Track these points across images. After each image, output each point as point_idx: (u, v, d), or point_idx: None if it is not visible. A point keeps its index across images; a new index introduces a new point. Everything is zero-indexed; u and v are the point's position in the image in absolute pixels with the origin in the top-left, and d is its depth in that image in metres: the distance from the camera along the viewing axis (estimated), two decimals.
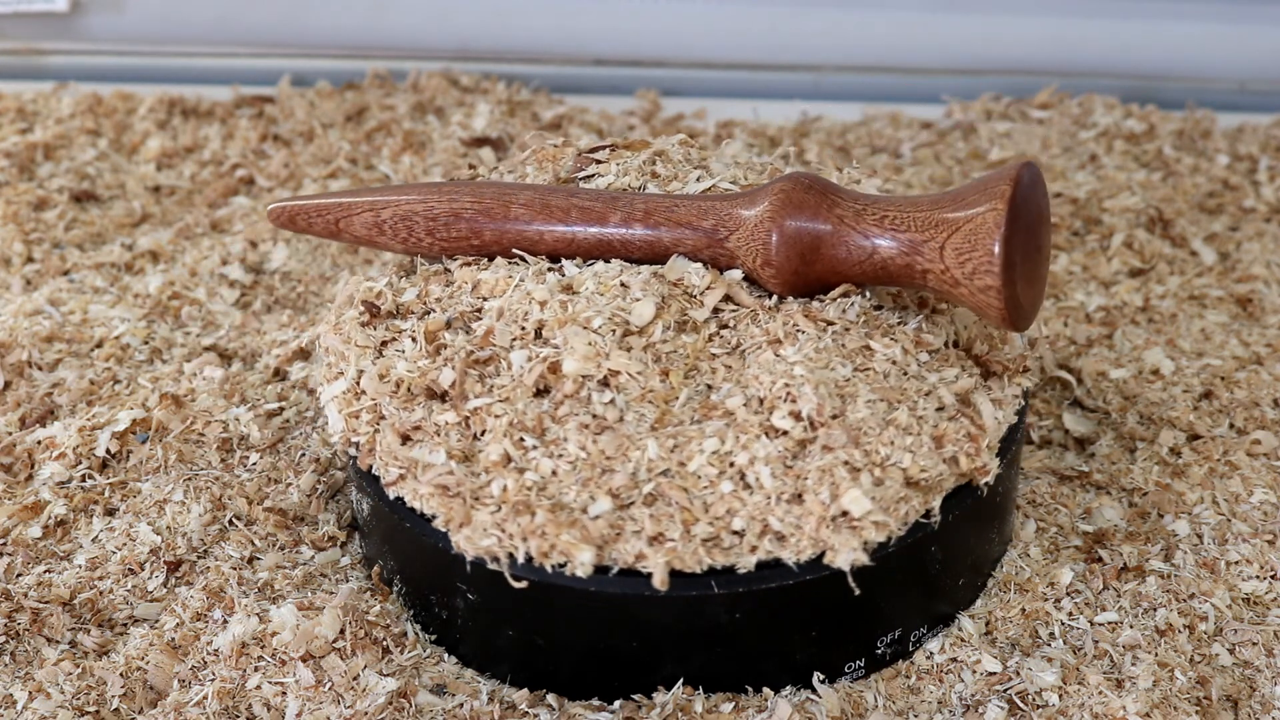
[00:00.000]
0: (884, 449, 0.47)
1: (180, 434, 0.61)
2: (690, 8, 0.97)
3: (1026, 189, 0.47)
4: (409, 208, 0.55)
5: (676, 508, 0.47)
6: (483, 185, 0.55)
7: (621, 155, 0.58)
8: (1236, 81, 0.94)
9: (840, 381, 0.48)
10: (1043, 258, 0.49)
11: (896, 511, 0.47)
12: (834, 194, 0.49)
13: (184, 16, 0.98)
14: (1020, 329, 0.48)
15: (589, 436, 0.48)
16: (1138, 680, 0.50)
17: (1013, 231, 0.46)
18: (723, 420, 0.48)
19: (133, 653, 0.52)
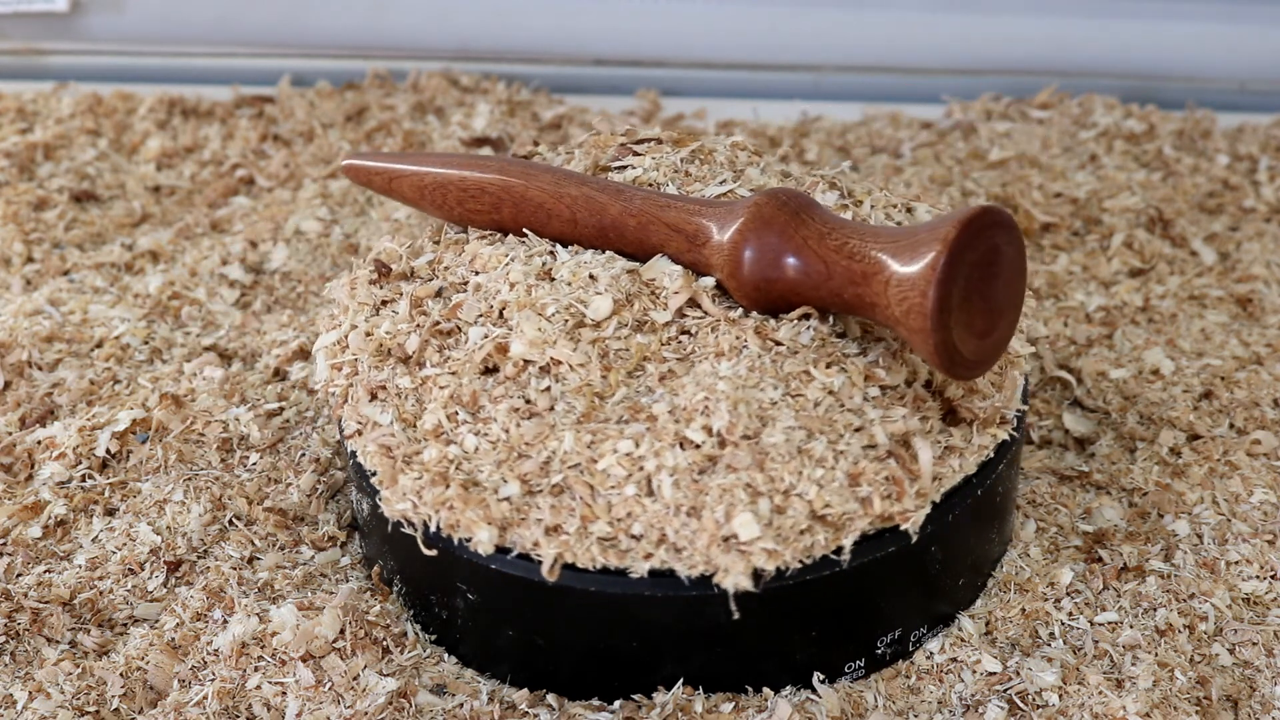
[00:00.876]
0: (789, 477, 0.46)
1: (180, 434, 0.61)
2: (690, 8, 0.97)
3: (976, 234, 0.45)
4: (446, 176, 0.56)
5: (579, 503, 0.47)
6: (514, 163, 0.56)
7: (660, 150, 0.58)
8: (1236, 81, 0.93)
9: (765, 403, 0.47)
10: (999, 307, 0.47)
11: (796, 543, 0.46)
12: (806, 214, 0.48)
13: (184, 16, 0.98)
14: (958, 376, 0.46)
15: (515, 420, 0.49)
16: (1138, 680, 0.50)
17: (950, 276, 0.44)
18: (644, 424, 0.48)
19: (133, 653, 0.52)
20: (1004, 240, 0.46)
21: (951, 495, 0.49)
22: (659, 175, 0.56)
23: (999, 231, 0.46)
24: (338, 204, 0.81)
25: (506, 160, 0.56)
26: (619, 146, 0.59)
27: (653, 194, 0.53)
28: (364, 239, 0.77)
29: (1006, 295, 0.47)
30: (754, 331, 0.49)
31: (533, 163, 0.56)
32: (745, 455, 0.46)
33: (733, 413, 0.47)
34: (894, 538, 0.48)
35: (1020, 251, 0.47)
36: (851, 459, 0.47)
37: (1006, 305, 0.47)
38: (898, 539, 0.48)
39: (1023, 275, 0.48)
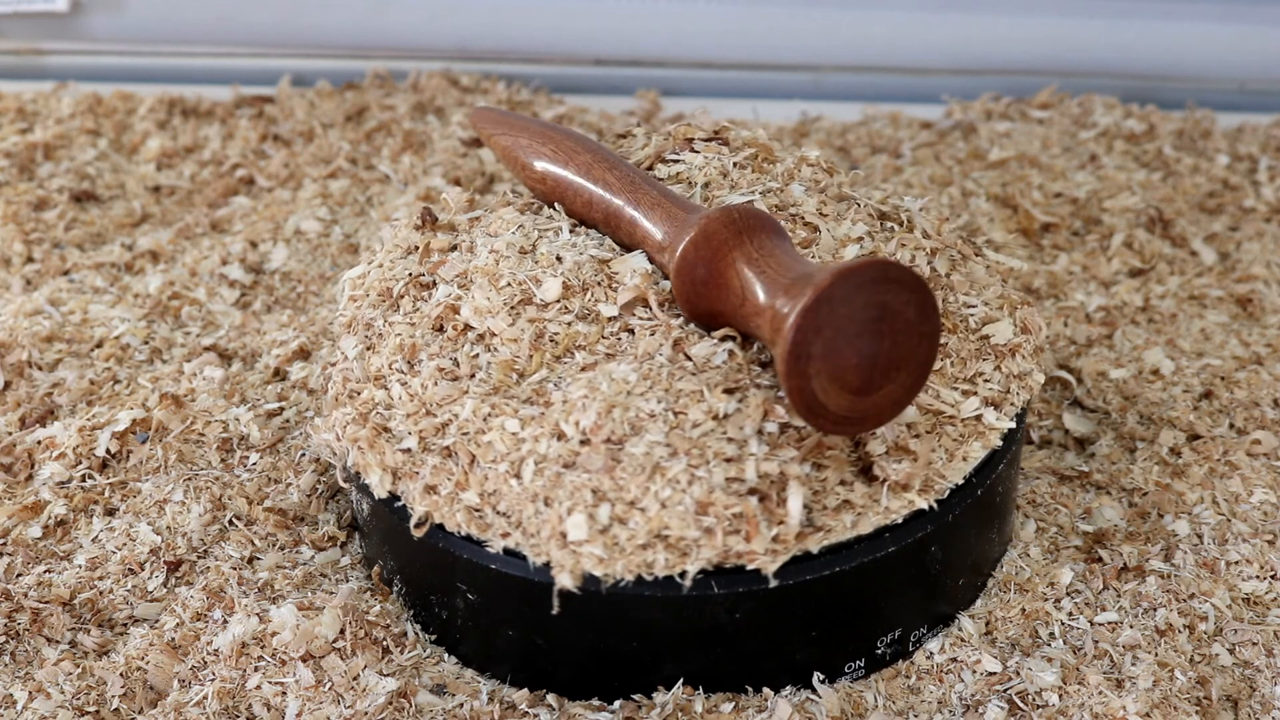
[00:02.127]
0: (636, 490, 0.46)
1: (180, 434, 0.61)
2: (690, 8, 0.97)
3: (857, 287, 0.43)
4: (521, 141, 0.58)
5: (459, 469, 0.49)
6: (570, 138, 0.57)
7: (718, 151, 0.58)
8: (1236, 81, 0.94)
9: (642, 413, 0.47)
10: (884, 366, 0.45)
11: (632, 556, 0.46)
12: (749, 236, 0.48)
13: (184, 16, 0.98)
14: (821, 428, 0.45)
15: (436, 379, 0.50)
16: (1138, 680, 0.50)
17: (810, 323, 0.43)
18: (539, 408, 0.48)
19: (133, 653, 0.52)
20: (899, 299, 0.44)
21: (952, 495, 0.49)
22: (700, 175, 0.56)
23: (892, 289, 0.44)
24: (338, 204, 0.81)
25: (568, 135, 0.57)
26: (682, 140, 0.59)
27: (654, 193, 0.53)
28: (364, 239, 0.77)
29: (897, 355, 0.45)
30: (674, 343, 0.49)
31: (586, 141, 0.57)
32: (599, 459, 0.46)
33: (602, 415, 0.47)
34: (894, 538, 0.48)
35: (926, 314, 0.45)
36: (706, 488, 0.46)
37: (897, 366, 0.45)
38: (898, 539, 0.48)
39: (929, 340, 0.45)
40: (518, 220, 0.55)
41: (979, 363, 0.52)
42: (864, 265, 0.44)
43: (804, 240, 0.53)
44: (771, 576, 0.46)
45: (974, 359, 0.52)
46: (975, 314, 0.53)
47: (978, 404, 0.51)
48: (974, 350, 0.52)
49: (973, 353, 0.52)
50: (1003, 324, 0.53)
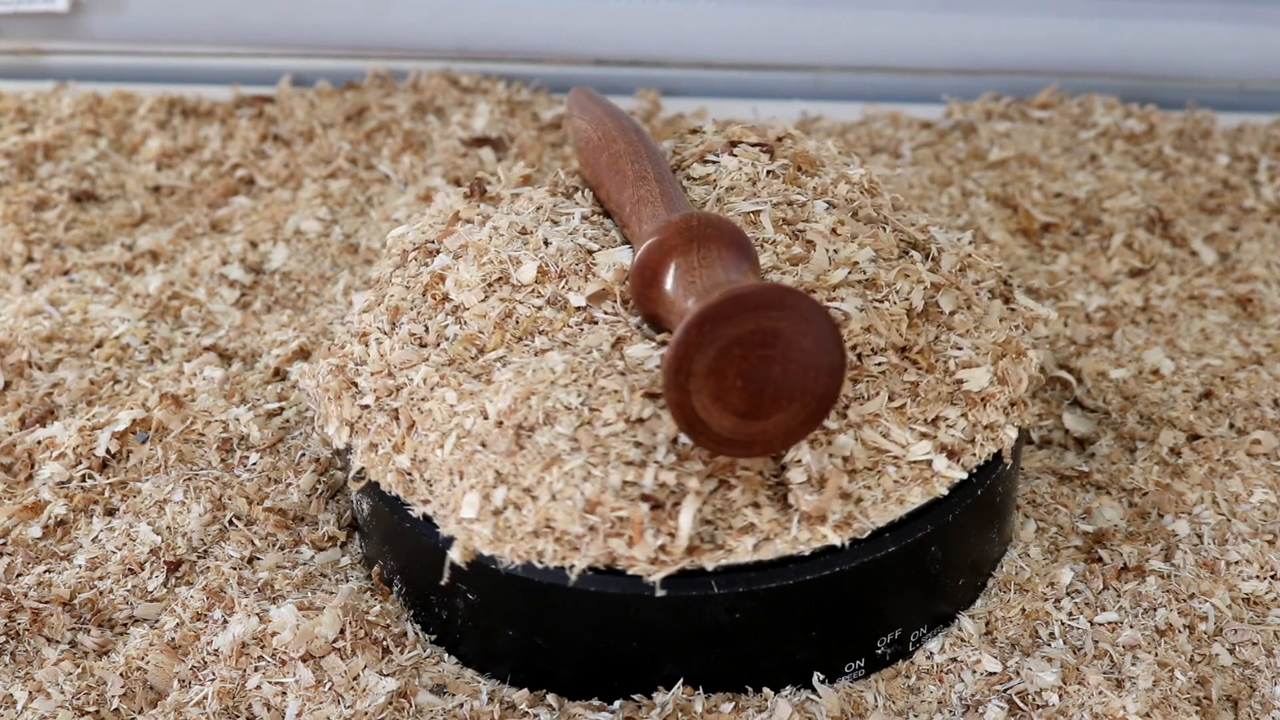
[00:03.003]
0: (531, 479, 0.47)
1: (180, 434, 0.61)
2: (690, 8, 0.97)
3: (745, 310, 0.43)
4: (580, 125, 0.60)
5: (400, 432, 0.50)
6: (617, 127, 0.58)
7: (756, 157, 0.57)
8: (1236, 81, 0.94)
9: (558, 405, 0.47)
10: (774, 394, 0.44)
11: (521, 542, 0.47)
12: (700, 244, 0.47)
13: (184, 16, 0.98)
14: (706, 446, 0.44)
15: (404, 342, 0.52)
16: (1138, 680, 0.50)
17: (694, 339, 0.43)
18: (480, 384, 0.49)
19: (133, 653, 0.52)
20: (794, 328, 0.43)
21: (952, 495, 0.49)
22: (727, 179, 0.56)
23: (787, 317, 0.43)
24: (338, 204, 0.81)
25: (617, 123, 0.58)
26: (724, 144, 0.58)
27: (656, 192, 0.53)
28: (364, 239, 0.77)
29: (790, 385, 0.44)
30: (615, 340, 0.49)
31: (629, 132, 0.57)
32: (505, 442, 0.47)
33: (518, 400, 0.48)
34: (894, 537, 0.48)
35: (825, 347, 0.44)
36: (599, 487, 0.46)
37: (790, 396, 0.44)
38: (898, 539, 0.48)
39: (829, 374, 0.44)
40: (541, 202, 0.56)
41: (945, 406, 0.50)
42: (755, 290, 0.43)
43: (794, 257, 0.52)
44: (658, 586, 0.46)
45: (940, 402, 0.50)
46: (958, 356, 0.51)
47: (929, 449, 0.49)
48: (944, 394, 0.50)
49: (942, 396, 0.50)
50: (980, 371, 0.50)
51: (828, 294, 0.51)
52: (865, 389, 0.49)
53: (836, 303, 0.50)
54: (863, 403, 0.49)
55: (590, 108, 0.62)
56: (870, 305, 0.50)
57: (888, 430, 0.49)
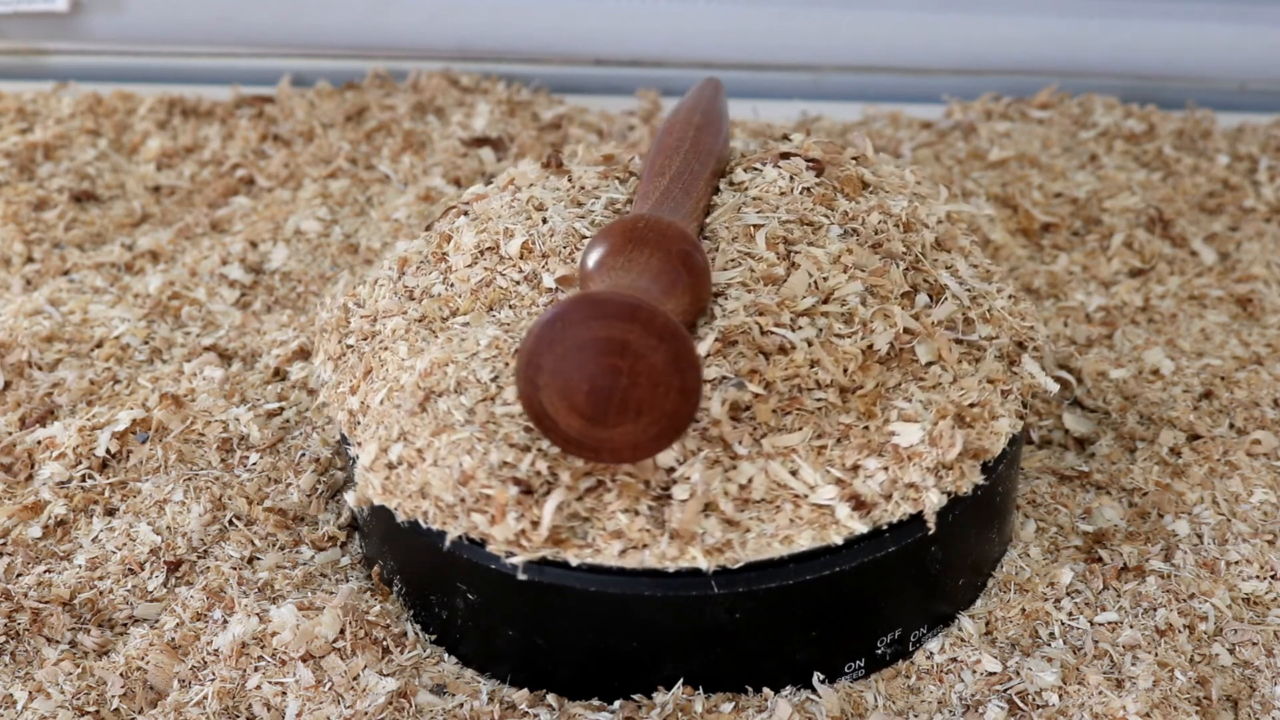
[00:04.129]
0: (423, 441, 0.48)
1: (180, 434, 0.61)
2: (690, 8, 0.97)
3: (596, 317, 0.43)
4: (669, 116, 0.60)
5: (358, 376, 0.53)
6: (686, 122, 0.58)
7: (798, 170, 0.56)
8: (1236, 81, 0.94)
9: (470, 378, 0.49)
10: (622, 405, 0.44)
11: (409, 501, 0.49)
12: (635, 245, 0.47)
13: (184, 16, 0.98)
14: (554, 442, 0.45)
15: (395, 294, 0.55)
16: (1138, 680, 0.50)
17: (545, 334, 0.43)
18: (434, 345, 0.51)
19: (133, 653, 0.52)
20: (644, 343, 0.43)
21: (952, 497, 0.49)
22: (756, 190, 0.55)
23: (637, 331, 0.43)
24: (338, 204, 0.81)
25: (688, 118, 0.59)
26: (775, 155, 0.57)
27: (658, 189, 0.53)
28: (364, 239, 0.77)
29: (639, 398, 0.43)
30: None
31: (683, 128, 0.58)
32: (412, 402, 0.49)
33: (436, 366, 0.49)
34: (894, 537, 0.48)
35: (679, 368, 0.43)
36: (477, 461, 0.46)
37: (639, 409, 0.44)
38: (898, 538, 0.48)
39: (682, 395, 0.43)
40: (585, 182, 0.57)
41: (870, 457, 0.48)
42: (609, 298, 0.43)
43: (769, 277, 0.51)
44: (520, 570, 0.47)
45: (867, 450, 0.48)
46: (904, 408, 0.49)
47: (835, 495, 0.47)
48: (874, 443, 0.48)
49: (871, 445, 0.48)
50: (914, 428, 0.48)
51: (779, 319, 0.49)
52: (791, 422, 0.47)
53: (784, 330, 0.48)
54: (781, 435, 0.47)
55: (686, 101, 0.62)
56: (827, 340, 0.49)
57: (798, 468, 0.47)
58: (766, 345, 0.48)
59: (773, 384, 0.48)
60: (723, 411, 0.47)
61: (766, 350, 0.48)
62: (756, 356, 0.48)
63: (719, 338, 0.48)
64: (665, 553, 0.46)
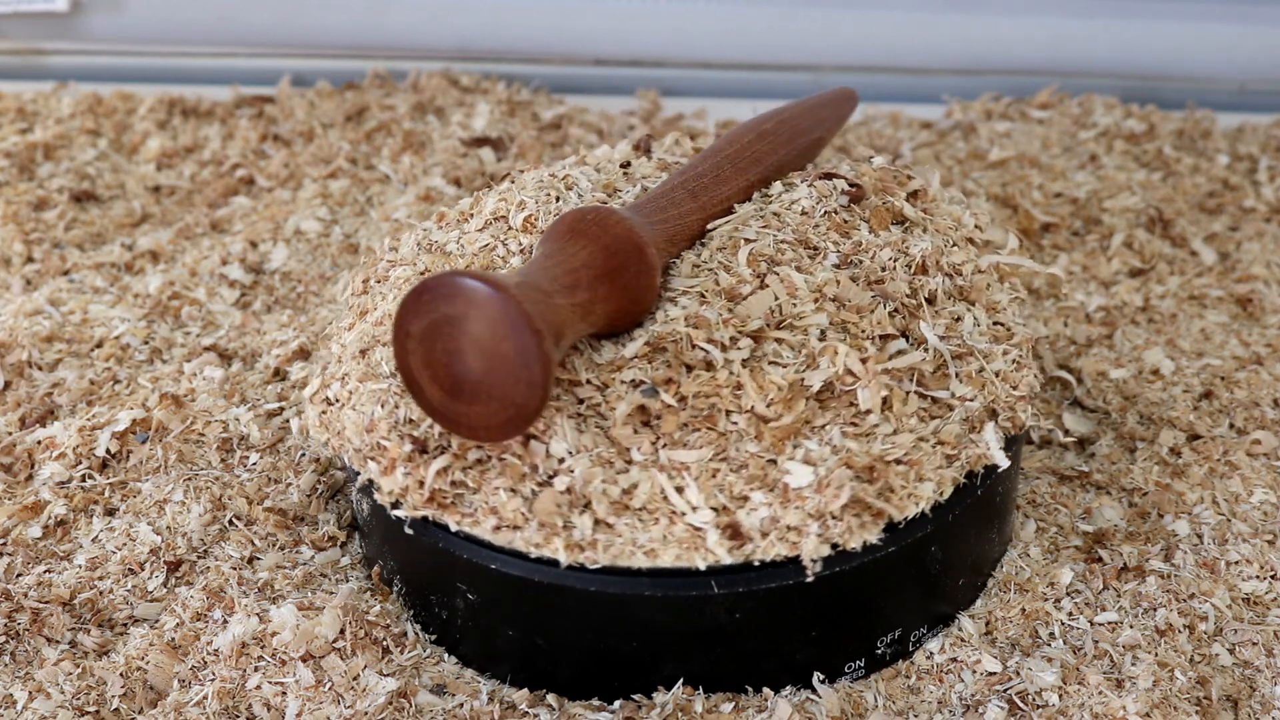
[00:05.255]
0: (353, 385, 0.51)
1: (180, 434, 0.61)
2: (690, 8, 0.97)
3: (439, 294, 0.44)
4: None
5: (355, 316, 0.56)
6: (747, 128, 0.58)
7: (827, 190, 0.55)
8: (1236, 81, 0.94)
9: None
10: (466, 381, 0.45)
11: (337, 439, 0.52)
12: (573, 234, 0.48)
13: (184, 16, 0.98)
14: (419, 405, 0.46)
15: (424, 246, 0.56)
16: (1138, 680, 0.50)
17: (414, 303, 0.45)
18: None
19: (133, 653, 0.52)
20: (496, 333, 0.44)
21: (952, 495, 0.49)
22: (776, 205, 0.54)
23: (489, 324, 0.44)
24: (338, 204, 0.81)
25: (762, 120, 0.59)
26: (816, 174, 0.56)
27: (664, 187, 0.54)
28: (364, 239, 0.77)
29: (489, 383, 0.44)
30: None
31: (740, 133, 0.57)
32: (357, 346, 0.53)
33: (385, 317, 0.52)
34: (894, 538, 0.48)
35: (528, 364, 0.43)
36: (386, 412, 0.49)
37: (489, 394, 0.45)
38: (898, 539, 0.48)
39: (532, 390, 0.44)
40: (637, 170, 0.58)
41: (763, 491, 0.46)
42: (465, 280, 0.43)
43: (731, 292, 0.50)
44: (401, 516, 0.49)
45: (759, 484, 0.46)
46: (811, 450, 0.47)
47: (711, 520, 0.46)
48: (768, 477, 0.47)
49: (764, 478, 0.46)
50: (807, 470, 0.46)
51: (711, 335, 0.48)
52: (695, 439, 0.47)
53: (713, 347, 0.47)
54: (680, 450, 0.47)
55: (790, 105, 0.62)
56: (759, 365, 0.47)
57: (685, 486, 0.46)
58: (692, 359, 0.47)
59: (687, 398, 0.47)
60: (626, 415, 0.46)
61: (690, 364, 0.47)
62: (679, 368, 0.47)
63: (649, 342, 0.48)
64: (530, 538, 0.47)
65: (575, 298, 0.46)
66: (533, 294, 0.44)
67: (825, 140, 0.62)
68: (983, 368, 0.50)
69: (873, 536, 0.47)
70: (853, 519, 0.46)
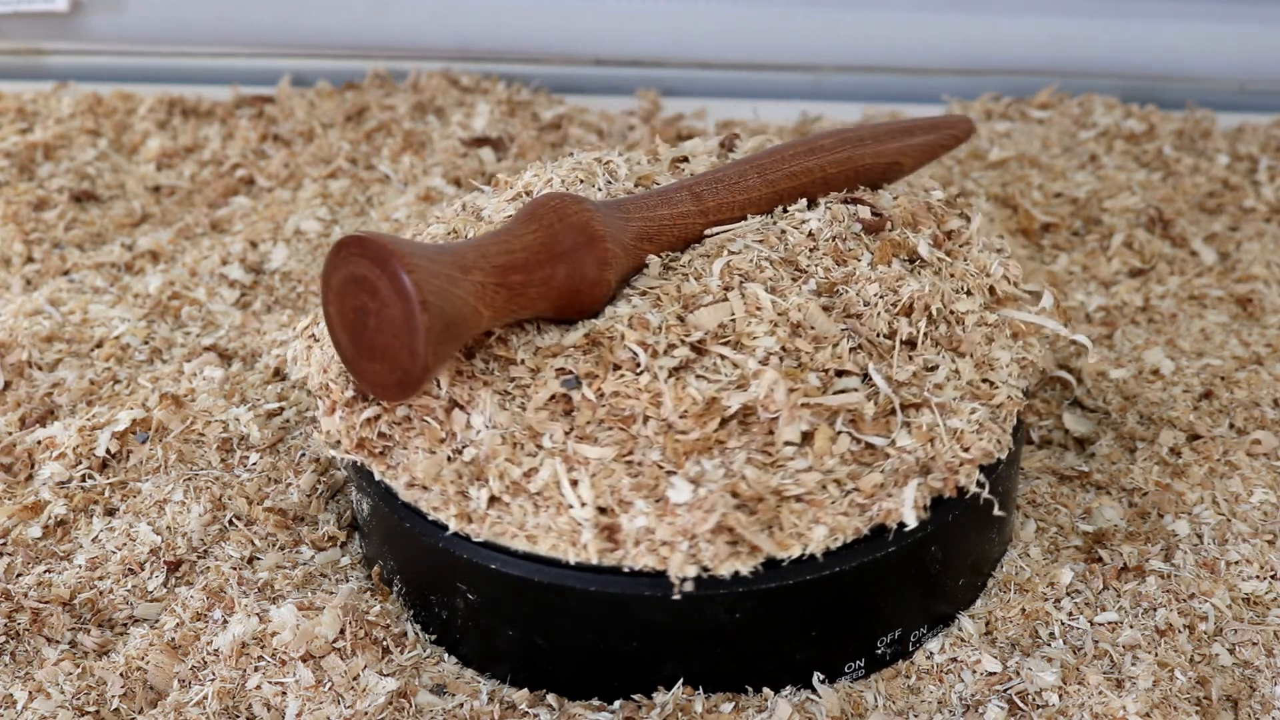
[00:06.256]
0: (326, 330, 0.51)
1: (180, 434, 0.61)
2: (690, 8, 0.97)
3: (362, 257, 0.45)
4: None
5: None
6: (800, 139, 0.58)
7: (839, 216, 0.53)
8: (1236, 81, 0.94)
9: None
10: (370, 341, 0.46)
11: (313, 377, 0.53)
12: (529, 218, 0.49)
13: (184, 16, 0.98)
14: (340, 355, 0.48)
15: (466, 212, 0.57)
16: (1138, 680, 0.50)
17: (336, 258, 0.46)
18: None
19: (133, 653, 0.52)
20: (388, 295, 0.45)
21: (953, 495, 0.49)
22: (784, 223, 0.53)
23: (385, 283, 0.45)
24: (338, 204, 0.81)
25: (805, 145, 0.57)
26: (842, 198, 0.55)
27: (668, 187, 0.53)
28: None
29: (381, 344, 0.46)
30: None
31: (789, 148, 0.56)
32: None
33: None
34: (894, 538, 0.48)
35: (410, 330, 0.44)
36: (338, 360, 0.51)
37: (381, 354, 0.46)
38: (898, 539, 0.48)
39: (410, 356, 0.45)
40: (699, 165, 0.58)
41: (645, 498, 0.46)
42: (376, 242, 0.45)
43: (686, 300, 0.49)
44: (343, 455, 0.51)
45: (645, 492, 0.46)
46: (702, 470, 0.46)
47: (592, 518, 0.46)
48: (658, 489, 0.46)
49: (654, 489, 0.46)
50: (688, 488, 0.46)
51: (644, 339, 0.47)
52: (605, 437, 0.47)
53: (641, 350, 0.47)
54: (587, 445, 0.47)
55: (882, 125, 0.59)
56: (684, 377, 0.47)
57: (579, 480, 0.46)
58: (619, 359, 0.47)
59: (605, 396, 0.47)
60: (544, 401, 0.47)
61: (617, 363, 0.47)
62: (605, 365, 0.47)
63: (589, 334, 0.48)
64: (432, 501, 0.49)
65: (506, 277, 0.47)
66: (439, 267, 0.45)
67: (905, 166, 0.59)
68: (936, 423, 0.48)
69: (745, 568, 0.46)
70: (725, 546, 0.46)
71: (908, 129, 0.60)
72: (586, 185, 0.55)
